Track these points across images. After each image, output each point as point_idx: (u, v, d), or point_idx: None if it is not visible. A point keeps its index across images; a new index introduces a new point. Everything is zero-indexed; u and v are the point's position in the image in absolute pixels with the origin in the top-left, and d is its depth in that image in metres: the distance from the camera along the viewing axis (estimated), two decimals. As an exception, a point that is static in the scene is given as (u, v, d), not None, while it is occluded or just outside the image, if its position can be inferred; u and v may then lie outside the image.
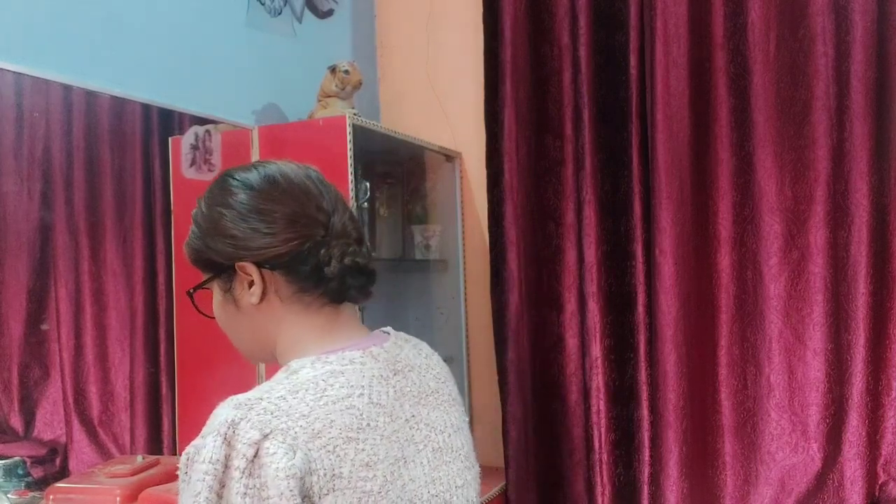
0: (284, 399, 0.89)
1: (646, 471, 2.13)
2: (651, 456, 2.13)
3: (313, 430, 0.87)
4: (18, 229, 2.24)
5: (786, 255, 2.07)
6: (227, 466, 0.83)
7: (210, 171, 2.05)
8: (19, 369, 2.29)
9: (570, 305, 2.25)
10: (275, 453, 0.83)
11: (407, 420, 1.00)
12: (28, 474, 1.96)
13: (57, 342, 2.29)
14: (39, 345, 2.30)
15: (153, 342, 2.22)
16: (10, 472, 1.91)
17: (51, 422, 2.28)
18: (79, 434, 2.25)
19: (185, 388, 2.07)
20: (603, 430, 2.18)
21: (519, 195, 2.26)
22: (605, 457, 2.18)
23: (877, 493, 2.01)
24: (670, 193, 2.11)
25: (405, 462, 0.97)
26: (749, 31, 2.08)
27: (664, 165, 2.11)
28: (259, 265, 0.99)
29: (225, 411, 0.87)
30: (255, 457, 0.83)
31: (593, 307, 2.19)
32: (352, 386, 0.95)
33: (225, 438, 0.84)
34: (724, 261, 2.11)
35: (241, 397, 0.89)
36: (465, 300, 2.51)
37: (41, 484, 1.87)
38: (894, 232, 2.00)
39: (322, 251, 0.99)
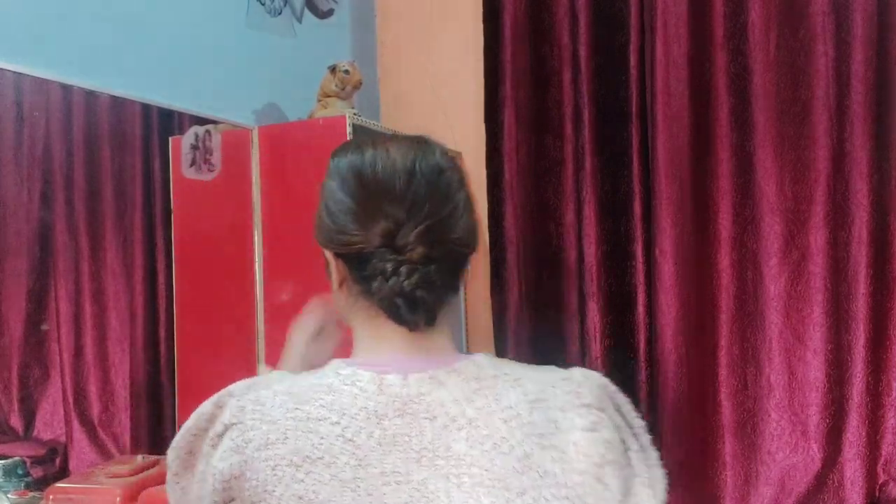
0: (274, 397, 0.86)
1: (646, 471, 2.13)
2: (651, 456, 2.13)
3: (267, 439, 0.83)
4: (18, 229, 2.24)
5: (786, 255, 2.07)
6: (209, 424, 0.88)
7: (210, 171, 2.05)
8: (19, 369, 2.29)
9: (570, 305, 2.25)
10: (222, 447, 0.86)
11: (383, 473, 0.81)
12: (28, 474, 1.96)
13: (57, 342, 2.28)
14: (39, 345, 2.30)
15: (153, 342, 2.22)
16: (10, 472, 1.91)
17: (51, 422, 2.28)
18: (79, 434, 2.25)
19: (185, 389, 2.07)
20: (603, 430, 2.18)
21: (519, 195, 2.26)
22: (605, 457, 2.17)
23: (877, 493, 2.00)
24: (670, 193, 2.11)
25: None
26: (749, 31, 2.08)
27: (664, 165, 2.11)
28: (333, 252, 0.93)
29: (239, 383, 0.90)
30: (218, 437, 0.87)
31: (593, 307, 2.19)
32: (332, 410, 0.83)
33: (218, 403, 0.89)
34: (724, 261, 2.11)
35: (260, 378, 0.91)
36: (465, 300, 2.51)
37: (41, 484, 1.87)
38: (894, 232, 2.00)
39: (374, 262, 0.87)
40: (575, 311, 2.24)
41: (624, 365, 2.18)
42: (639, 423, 0.92)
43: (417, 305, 0.86)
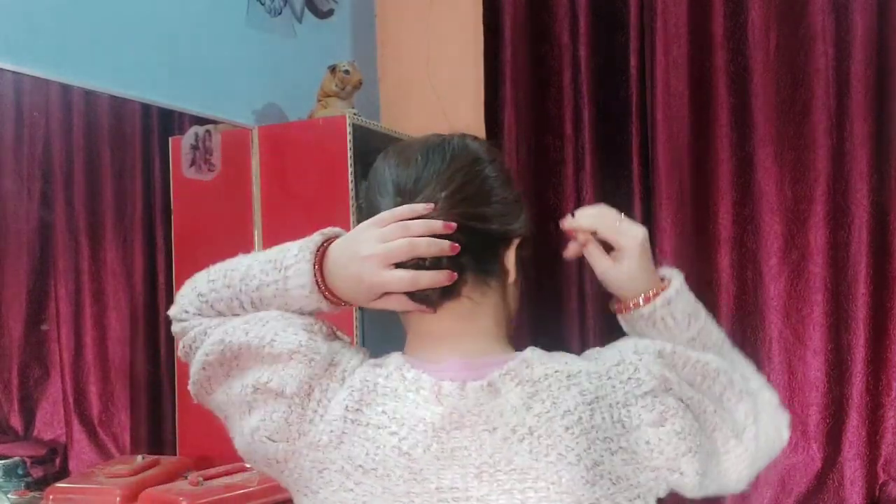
0: (350, 392, 0.82)
1: (646, 471, 2.13)
2: (651, 456, 2.13)
3: (320, 440, 0.81)
4: (18, 229, 2.24)
5: (786, 255, 2.07)
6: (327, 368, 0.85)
7: (210, 171, 2.05)
8: (19, 369, 2.29)
9: (571, 305, 2.25)
10: (301, 411, 0.84)
11: (440, 489, 0.78)
12: (28, 474, 1.96)
13: (57, 342, 2.28)
14: (39, 345, 2.30)
15: (153, 342, 2.22)
16: (10, 472, 1.91)
17: (51, 422, 2.28)
18: (79, 434, 2.25)
19: (186, 389, 2.07)
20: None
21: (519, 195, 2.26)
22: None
23: (877, 494, 2.00)
24: (670, 193, 2.11)
25: None
26: (749, 31, 2.08)
27: (664, 165, 2.11)
28: None
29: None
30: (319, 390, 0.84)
31: (593, 307, 2.19)
32: (393, 419, 0.80)
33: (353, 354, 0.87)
34: (724, 261, 2.11)
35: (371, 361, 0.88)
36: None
37: (41, 484, 1.87)
38: (894, 232, 2.00)
39: None
40: (575, 310, 2.24)
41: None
42: (711, 369, 0.86)
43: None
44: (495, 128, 2.29)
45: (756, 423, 0.89)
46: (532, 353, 0.84)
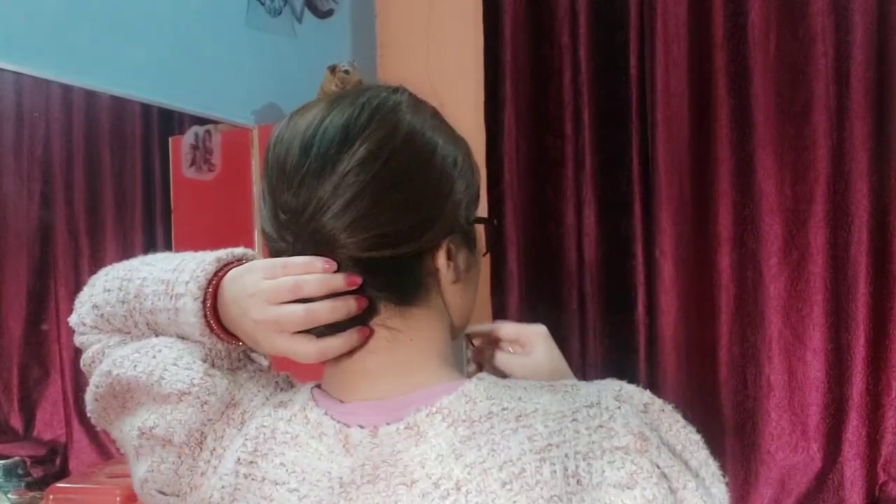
0: (244, 441, 0.72)
1: (646, 471, 2.13)
2: (651, 456, 2.13)
3: (210, 497, 0.71)
4: (18, 229, 2.24)
5: (786, 255, 2.07)
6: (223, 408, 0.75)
7: (210, 170, 2.05)
8: (19, 369, 2.29)
9: (571, 305, 2.25)
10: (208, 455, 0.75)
11: None
12: (28, 474, 1.96)
13: (57, 342, 2.29)
14: (39, 345, 2.31)
15: (153, 342, 2.21)
16: (10, 472, 1.91)
17: (51, 422, 2.28)
18: (79, 434, 2.25)
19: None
20: (603, 430, 2.18)
21: (519, 195, 2.26)
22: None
23: (877, 493, 2.00)
24: (670, 193, 2.11)
25: None
26: (749, 32, 2.08)
27: (664, 165, 2.11)
28: None
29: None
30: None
31: (593, 307, 2.19)
32: (292, 473, 0.68)
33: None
34: (724, 261, 2.11)
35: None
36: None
37: (41, 484, 1.88)
38: (894, 232, 2.00)
39: None
40: (575, 311, 2.24)
41: (624, 365, 2.18)
42: (695, 440, 0.71)
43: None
44: (495, 128, 2.29)
45: None
46: (478, 385, 0.68)
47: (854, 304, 2.00)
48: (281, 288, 0.67)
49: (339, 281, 0.67)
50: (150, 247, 2.24)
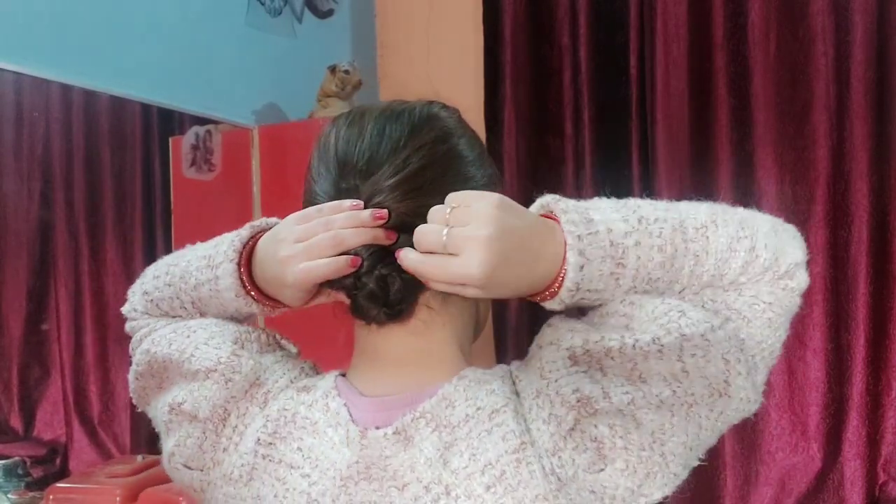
0: (266, 421, 0.74)
1: (646, 471, 2.13)
2: (651, 456, 2.13)
3: (231, 473, 0.74)
4: (18, 229, 2.24)
5: (786, 254, 2.07)
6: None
7: (210, 170, 2.05)
8: (19, 369, 2.30)
9: (570, 305, 2.25)
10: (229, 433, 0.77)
11: None
12: (28, 474, 1.96)
13: (57, 342, 2.29)
14: (39, 345, 2.31)
15: (153, 342, 2.22)
16: (10, 472, 1.92)
17: (51, 422, 2.29)
18: (79, 434, 2.25)
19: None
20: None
21: (519, 195, 2.25)
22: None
23: (877, 493, 2.00)
24: (670, 193, 2.11)
25: None
26: (749, 32, 2.08)
27: (664, 165, 2.11)
28: None
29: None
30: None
31: (593, 307, 2.18)
32: (307, 458, 0.71)
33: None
34: (724, 261, 2.11)
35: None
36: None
37: (41, 484, 1.88)
38: (894, 232, 2.00)
39: None
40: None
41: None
42: (644, 342, 0.68)
43: (373, 292, 0.70)
44: (495, 127, 2.29)
45: (742, 353, 0.73)
46: (457, 386, 0.69)
47: (854, 303, 2.00)
48: (315, 226, 0.71)
49: (365, 215, 0.69)
50: (150, 247, 2.25)
